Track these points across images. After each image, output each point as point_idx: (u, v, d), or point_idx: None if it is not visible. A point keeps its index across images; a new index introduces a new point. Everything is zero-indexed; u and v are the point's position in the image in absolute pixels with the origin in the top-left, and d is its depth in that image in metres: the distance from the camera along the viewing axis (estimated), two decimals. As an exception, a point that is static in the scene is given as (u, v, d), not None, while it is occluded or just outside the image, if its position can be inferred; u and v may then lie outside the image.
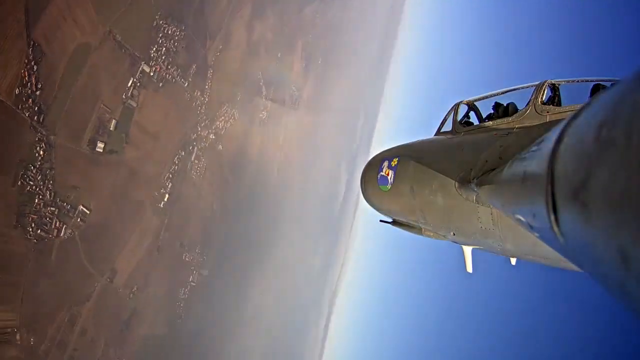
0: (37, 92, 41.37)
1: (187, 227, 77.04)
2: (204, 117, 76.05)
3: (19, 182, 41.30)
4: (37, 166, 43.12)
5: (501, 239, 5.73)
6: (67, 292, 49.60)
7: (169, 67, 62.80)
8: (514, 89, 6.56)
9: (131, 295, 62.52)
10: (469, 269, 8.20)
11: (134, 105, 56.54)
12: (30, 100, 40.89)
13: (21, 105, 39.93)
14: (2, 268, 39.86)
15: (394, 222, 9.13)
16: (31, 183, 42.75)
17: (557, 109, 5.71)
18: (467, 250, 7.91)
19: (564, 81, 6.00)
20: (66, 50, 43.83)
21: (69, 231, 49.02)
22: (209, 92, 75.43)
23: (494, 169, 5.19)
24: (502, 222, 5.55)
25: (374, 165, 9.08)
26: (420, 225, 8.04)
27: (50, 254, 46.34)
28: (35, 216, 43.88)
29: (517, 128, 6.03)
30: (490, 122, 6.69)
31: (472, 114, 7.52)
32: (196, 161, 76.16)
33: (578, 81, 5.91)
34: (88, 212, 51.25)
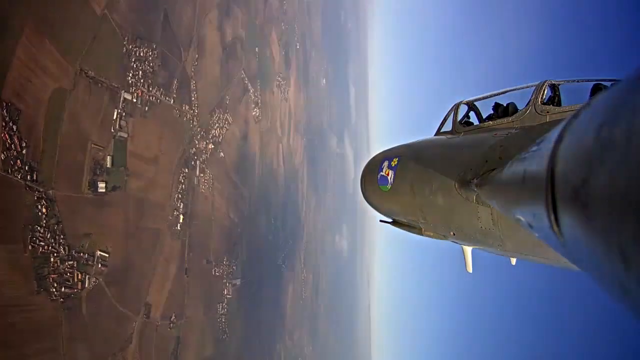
0: (24, 152, 39.61)
1: (209, 242, 76.62)
2: (199, 129, 74.47)
3: (30, 247, 40.02)
4: (44, 225, 41.81)
5: (501, 239, 5.73)
6: (107, 340, 49.22)
7: (150, 88, 60.64)
8: (514, 89, 6.59)
9: (171, 325, 62.28)
10: (469, 269, 8.39)
11: (125, 136, 54.76)
12: (19, 161, 39.20)
13: (10, 169, 38.30)
14: (36, 338, 39.10)
15: (394, 222, 9.17)
16: (42, 244, 41.52)
17: (557, 109, 5.70)
18: (467, 250, 8.10)
19: (564, 81, 5.99)
20: (41, 100, 41.86)
21: (93, 280, 48.14)
22: (196, 103, 73.54)
23: (494, 169, 5.14)
24: (502, 222, 5.53)
25: (373, 165, 9.11)
26: (420, 225, 8.09)
27: (81, 308, 45.62)
28: (55, 275, 42.86)
29: (517, 128, 5.98)
30: (490, 122, 6.70)
31: (472, 114, 7.58)
32: (202, 174, 74.99)
33: (578, 81, 5.86)
34: (107, 255, 50.27)
